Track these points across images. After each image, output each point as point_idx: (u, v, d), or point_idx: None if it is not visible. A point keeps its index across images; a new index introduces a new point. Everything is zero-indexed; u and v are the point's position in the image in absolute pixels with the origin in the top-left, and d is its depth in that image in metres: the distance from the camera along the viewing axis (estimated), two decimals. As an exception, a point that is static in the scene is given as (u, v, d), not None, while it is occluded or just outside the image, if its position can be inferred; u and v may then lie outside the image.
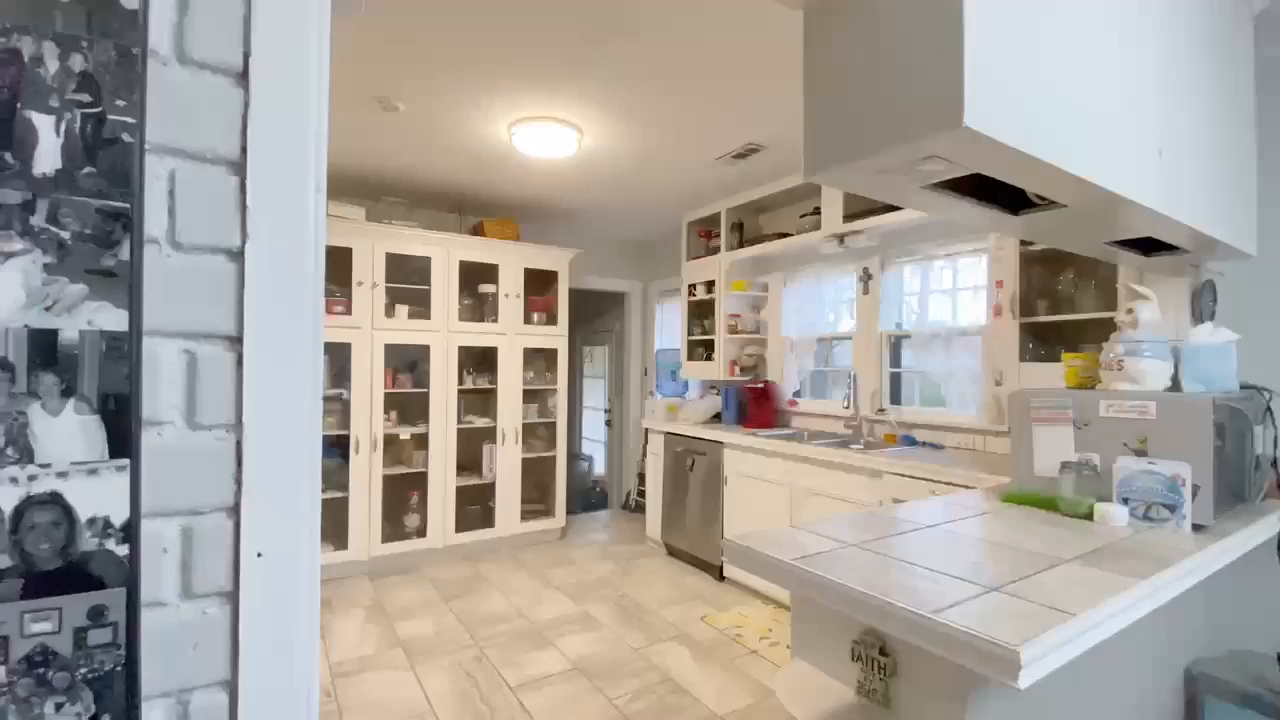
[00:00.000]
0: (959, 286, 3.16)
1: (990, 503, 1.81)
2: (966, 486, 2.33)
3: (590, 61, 2.35)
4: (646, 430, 4.46)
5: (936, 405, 3.24)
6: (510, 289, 4.29)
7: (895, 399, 3.46)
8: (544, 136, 2.95)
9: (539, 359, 4.60)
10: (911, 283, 3.38)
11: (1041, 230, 1.59)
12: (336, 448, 3.81)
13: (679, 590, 3.55)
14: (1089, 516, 1.60)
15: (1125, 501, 1.59)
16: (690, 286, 4.48)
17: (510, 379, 4.31)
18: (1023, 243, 2.54)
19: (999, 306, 2.65)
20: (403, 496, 4.03)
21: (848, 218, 3.28)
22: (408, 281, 3.99)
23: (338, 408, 3.79)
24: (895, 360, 3.47)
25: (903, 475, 2.61)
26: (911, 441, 3.15)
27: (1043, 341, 2.60)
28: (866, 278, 3.51)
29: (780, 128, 2.96)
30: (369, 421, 3.79)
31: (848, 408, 3.41)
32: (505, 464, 4.29)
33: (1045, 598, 1.06)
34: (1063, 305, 2.50)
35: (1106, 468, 1.64)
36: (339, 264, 3.75)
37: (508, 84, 2.53)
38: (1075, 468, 1.68)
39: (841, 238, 3.38)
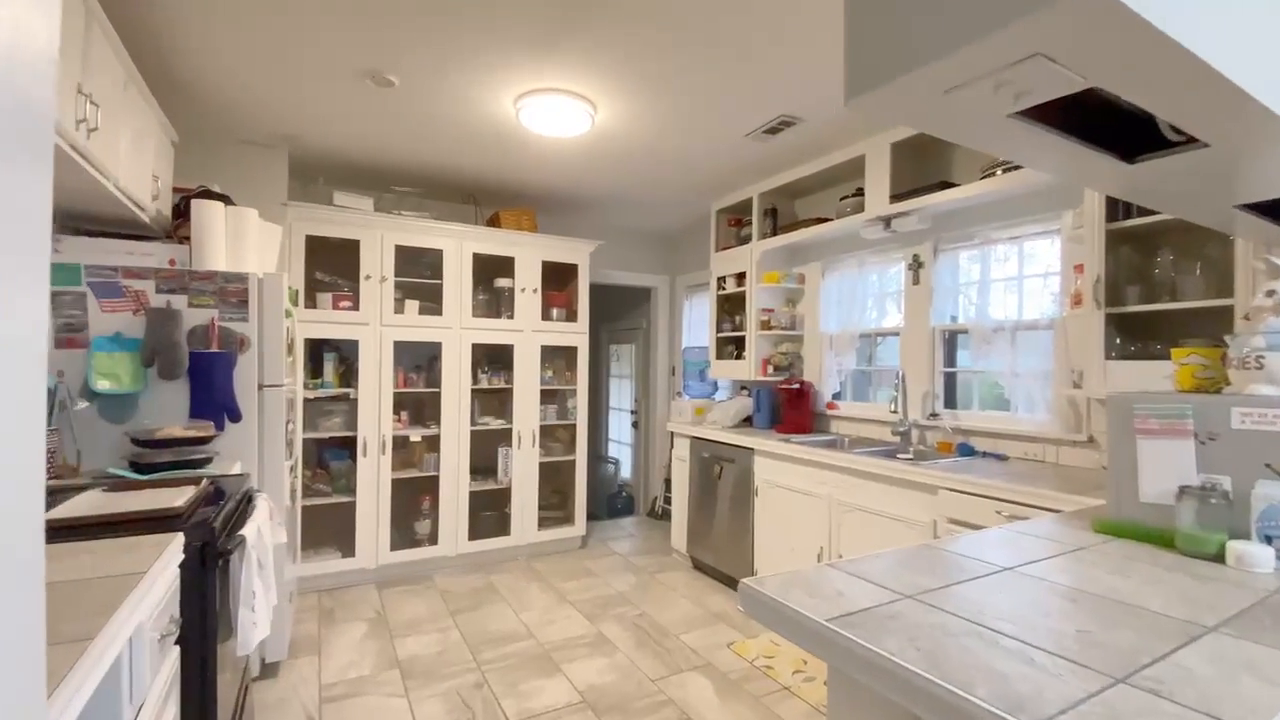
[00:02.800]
0: (1025, 274, 2.75)
1: (1080, 533, 1.46)
2: (1043, 508, 1.96)
3: (594, 24, 2.06)
4: (672, 434, 4.16)
5: (999, 409, 2.85)
6: (527, 283, 4.05)
7: (950, 402, 3.07)
8: (553, 111, 2.68)
9: (558, 357, 4.35)
10: (969, 270, 2.99)
11: (1157, 186, 1.23)
12: (344, 449, 3.63)
13: (704, 611, 3.24)
14: (1219, 558, 1.24)
15: (1269, 540, 1.22)
16: (719, 279, 4.16)
17: (527, 378, 4.07)
18: (1109, 218, 2.14)
19: (1078, 294, 2.25)
20: (413, 501, 3.83)
21: (895, 198, 2.92)
22: (419, 275, 3.80)
23: (345, 407, 3.61)
24: (950, 359, 3.08)
25: (962, 491, 2.25)
26: (970, 451, 2.77)
27: (1132, 336, 2.19)
28: (916, 266, 3.13)
29: (816, 96, 2.61)
30: (377, 422, 3.60)
31: (895, 412, 3.04)
32: (521, 468, 4.05)
33: (1200, 699, 0.73)
34: (1160, 292, 2.10)
35: (1241, 495, 1.27)
36: (346, 257, 3.58)
37: (507, 49, 2.27)
38: (1198, 494, 1.31)
39: (888, 221, 3.01)
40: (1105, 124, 0.99)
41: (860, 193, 3.13)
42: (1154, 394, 1.46)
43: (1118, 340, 2.17)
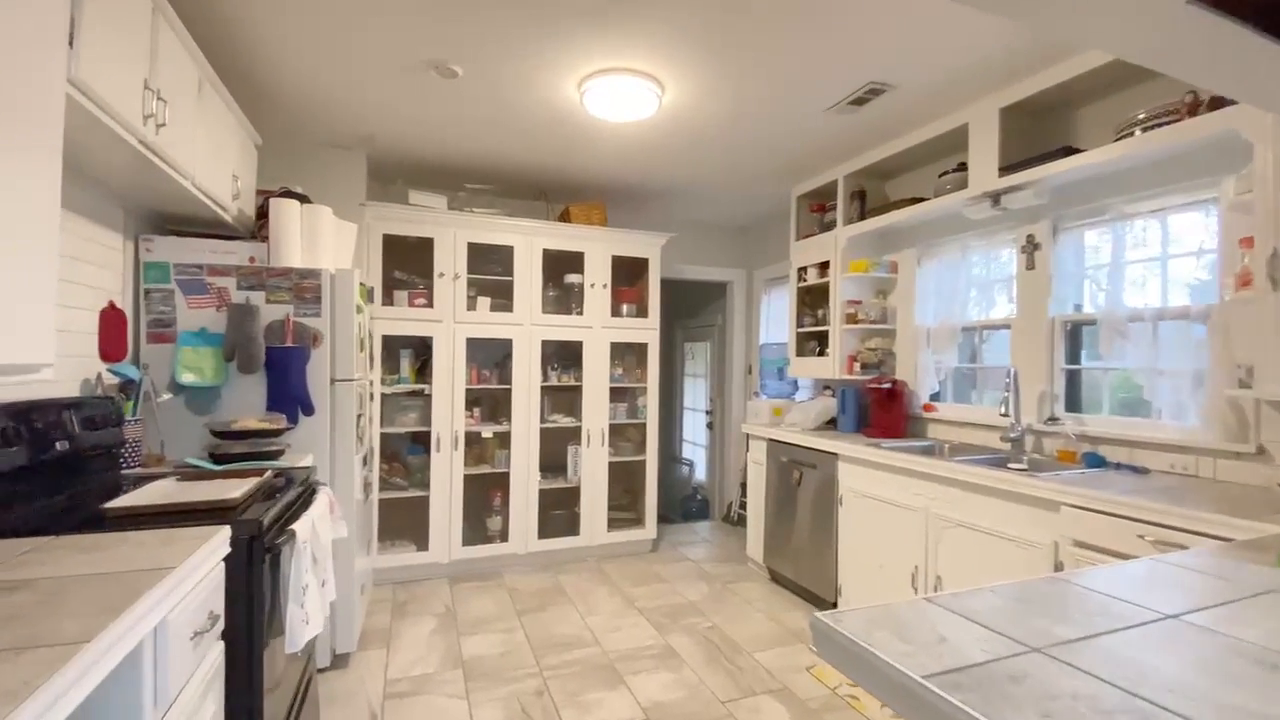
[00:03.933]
0: (1170, 254, 2.32)
1: (1259, 570, 1.14)
2: (1205, 534, 1.60)
3: (661, -17, 1.91)
4: (748, 435, 3.93)
5: (1135, 414, 2.43)
6: (597, 279, 3.96)
7: (1073, 405, 2.66)
8: (618, 93, 2.55)
9: (629, 354, 4.23)
10: (1097, 251, 2.57)
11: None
12: (419, 444, 3.69)
13: (781, 628, 3.00)
14: None
15: None
16: (799, 270, 3.89)
17: (597, 376, 3.97)
18: (1292, 178, 1.73)
19: (1246, 274, 1.84)
20: (485, 498, 3.84)
21: (1004, 170, 2.56)
22: (490, 272, 3.79)
23: (420, 403, 3.66)
24: (1073, 354, 2.67)
25: (1091, 510, 1.90)
26: (1099, 462, 2.37)
27: (1323, 324, 1.76)
28: (1031, 248, 2.74)
29: (911, 57, 2.33)
30: (450, 418, 3.62)
31: (1005, 415, 2.67)
32: (590, 467, 3.96)
33: None
34: (1366, 267, 1.66)
35: None
36: (420, 255, 3.63)
37: (570, 23, 2.16)
38: None
39: (996, 197, 2.65)
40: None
41: (963, 167, 2.78)
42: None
43: (1303, 329, 1.75)
